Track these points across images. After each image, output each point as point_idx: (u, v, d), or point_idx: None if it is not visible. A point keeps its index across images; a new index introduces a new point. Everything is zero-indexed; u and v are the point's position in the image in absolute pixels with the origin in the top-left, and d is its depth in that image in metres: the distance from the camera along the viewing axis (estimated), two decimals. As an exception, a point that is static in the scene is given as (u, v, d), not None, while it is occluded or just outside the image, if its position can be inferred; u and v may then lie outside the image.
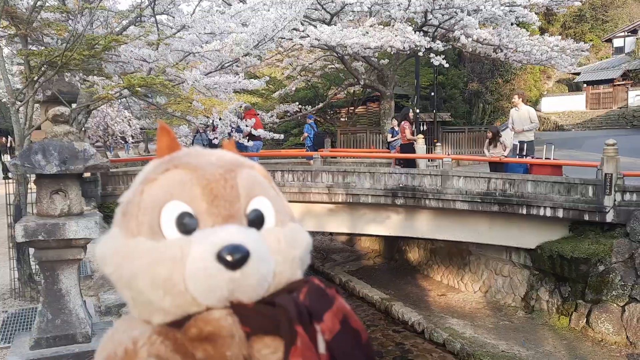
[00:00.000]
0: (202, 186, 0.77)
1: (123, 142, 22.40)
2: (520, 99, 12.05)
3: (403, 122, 13.94)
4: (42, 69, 6.45)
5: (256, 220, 0.79)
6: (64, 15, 7.78)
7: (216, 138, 12.31)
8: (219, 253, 0.71)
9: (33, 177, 4.69)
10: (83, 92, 8.06)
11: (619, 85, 33.16)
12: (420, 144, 14.04)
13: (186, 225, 0.76)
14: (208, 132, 12.47)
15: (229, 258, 0.70)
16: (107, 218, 11.47)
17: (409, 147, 13.86)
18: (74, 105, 7.68)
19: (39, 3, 6.65)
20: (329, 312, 0.75)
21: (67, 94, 7.40)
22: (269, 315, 0.73)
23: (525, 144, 11.85)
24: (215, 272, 0.71)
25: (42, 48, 7.22)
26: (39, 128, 7.00)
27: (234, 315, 0.73)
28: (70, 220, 4.46)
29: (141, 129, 21.31)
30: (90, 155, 4.53)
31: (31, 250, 5.22)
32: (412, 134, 14.15)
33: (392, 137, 14.59)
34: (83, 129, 9.36)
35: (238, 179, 0.80)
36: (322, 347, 0.73)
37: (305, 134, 15.86)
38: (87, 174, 8.34)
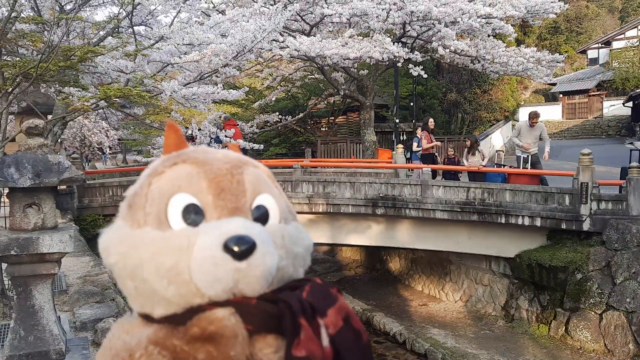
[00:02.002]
0: (209, 179, 0.78)
1: (100, 153, 22.16)
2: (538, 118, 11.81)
3: (422, 132, 13.84)
4: (17, 80, 6.34)
5: (261, 216, 0.80)
6: (39, 26, 7.68)
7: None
8: (226, 243, 0.71)
9: (6, 191, 4.59)
10: (59, 104, 7.95)
11: (594, 95, 33.83)
12: (399, 153, 14.07)
13: (193, 216, 0.77)
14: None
15: (235, 248, 0.71)
16: (83, 231, 11.26)
17: (428, 157, 13.74)
18: (49, 117, 7.56)
19: (13, 14, 6.55)
20: (332, 309, 0.75)
21: (43, 105, 7.30)
22: (272, 312, 0.73)
23: (530, 157, 11.65)
24: (222, 262, 0.71)
25: (17, 59, 7.11)
26: (13, 140, 6.88)
27: (237, 314, 0.72)
28: (44, 234, 4.37)
29: (119, 139, 21.12)
30: (64, 168, 4.46)
31: (3, 265, 5.09)
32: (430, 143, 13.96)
33: (417, 146, 13.98)
34: (59, 140, 9.21)
35: (244, 175, 0.81)
36: (325, 341, 0.72)
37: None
38: (62, 187, 8.21)
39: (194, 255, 0.72)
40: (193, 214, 0.76)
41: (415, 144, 14.40)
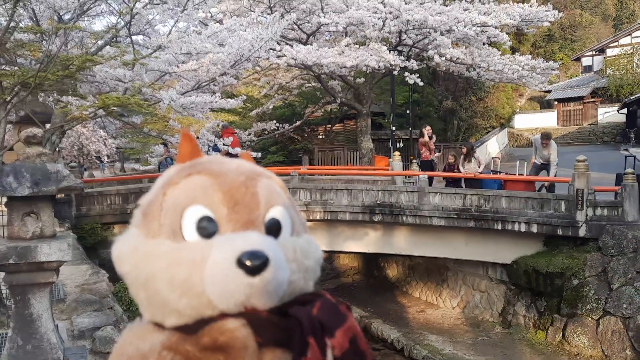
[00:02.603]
0: (223, 192, 0.79)
1: (98, 162, 22.13)
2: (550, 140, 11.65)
3: (420, 139, 13.81)
4: (15, 89, 6.37)
5: (273, 229, 0.81)
6: (37, 36, 7.71)
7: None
8: (239, 258, 0.72)
9: (4, 199, 4.61)
10: (57, 113, 7.97)
11: (588, 102, 33.99)
12: (396, 160, 14.10)
13: (207, 229, 0.77)
14: (168, 157, 12.38)
15: (248, 263, 0.71)
16: (81, 239, 11.24)
17: (427, 164, 13.70)
18: (47, 126, 7.58)
19: (12, 24, 6.59)
20: (340, 329, 0.74)
21: (41, 114, 7.31)
22: (282, 326, 0.73)
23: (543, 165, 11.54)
24: (234, 277, 0.72)
25: (16, 69, 7.14)
26: (11, 149, 6.89)
27: (248, 326, 0.72)
28: (42, 242, 4.37)
29: (117, 148, 21.12)
30: (63, 177, 4.47)
31: (1, 274, 5.09)
32: (430, 151, 13.75)
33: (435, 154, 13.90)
34: (57, 149, 9.23)
35: (258, 187, 0.82)
36: None
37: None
38: (60, 195, 8.21)
39: (207, 269, 0.73)
40: (207, 226, 0.77)
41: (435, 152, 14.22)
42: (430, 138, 14.43)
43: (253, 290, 0.72)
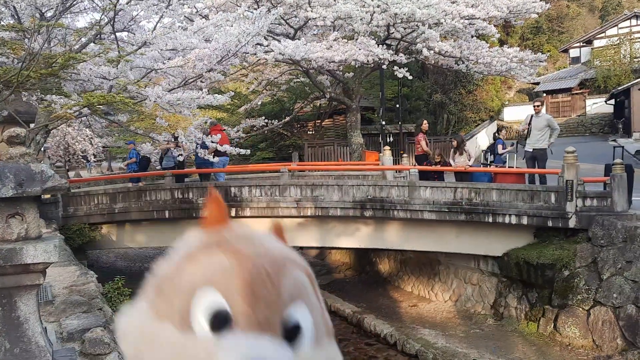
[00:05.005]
0: (244, 280, 0.72)
1: (85, 161, 21.94)
2: (543, 106, 11.37)
3: (419, 134, 13.89)
4: (-3, 88, 6.26)
5: (292, 333, 0.73)
6: (19, 34, 7.58)
7: (181, 155, 12.15)
8: None
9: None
10: (41, 112, 7.86)
11: (576, 94, 34.20)
12: (387, 155, 14.09)
13: (218, 320, 0.71)
14: (173, 149, 12.26)
15: None
16: (69, 240, 11.10)
17: (422, 158, 13.71)
18: (31, 125, 7.47)
19: (-8, 21, 6.47)
20: None
21: (25, 114, 7.21)
22: None
23: (535, 151, 11.16)
24: None
25: (-3, 67, 7.01)
26: (-6, 149, 6.77)
27: None
28: (27, 244, 4.30)
29: (103, 147, 20.96)
30: (48, 177, 4.40)
31: (-13, 277, 5.00)
32: (427, 145, 13.73)
33: (502, 148, 13.44)
34: (42, 149, 9.11)
35: (283, 279, 0.74)
36: None
37: (133, 159, 14.93)
38: (47, 196, 8.12)
39: None
40: (219, 317, 0.71)
41: (500, 147, 14.01)
42: (426, 132, 14.48)
43: None
